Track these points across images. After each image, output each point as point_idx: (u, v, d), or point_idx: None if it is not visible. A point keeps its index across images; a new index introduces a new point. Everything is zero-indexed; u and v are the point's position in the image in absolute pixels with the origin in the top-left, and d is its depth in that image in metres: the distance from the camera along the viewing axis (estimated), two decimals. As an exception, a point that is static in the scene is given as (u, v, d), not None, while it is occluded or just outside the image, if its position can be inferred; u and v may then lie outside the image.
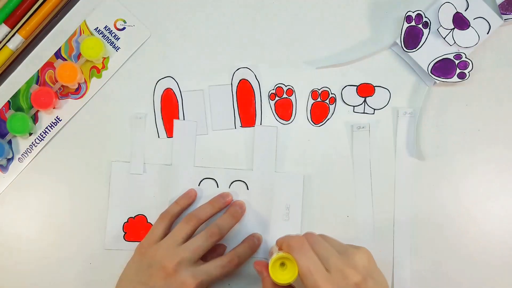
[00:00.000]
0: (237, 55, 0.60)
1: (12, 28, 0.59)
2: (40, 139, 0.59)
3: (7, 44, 0.59)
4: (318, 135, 0.60)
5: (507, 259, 0.58)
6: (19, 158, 0.59)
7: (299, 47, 0.60)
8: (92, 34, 0.59)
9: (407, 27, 0.58)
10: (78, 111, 0.59)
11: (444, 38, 0.58)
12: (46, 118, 0.59)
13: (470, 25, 0.58)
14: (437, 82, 0.59)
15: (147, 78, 0.60)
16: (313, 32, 0.60)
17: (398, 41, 0.58)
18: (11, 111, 0.59)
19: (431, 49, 0.58)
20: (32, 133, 0.59)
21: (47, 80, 0.59)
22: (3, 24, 0.59)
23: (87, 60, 0.59)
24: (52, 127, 0.59)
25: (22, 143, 0.59)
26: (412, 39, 0.58)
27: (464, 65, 0.58)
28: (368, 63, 0.60)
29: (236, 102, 0.60)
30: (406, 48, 0.58)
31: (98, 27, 0.60)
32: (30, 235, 0.59)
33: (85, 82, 0.60)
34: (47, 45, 0.60)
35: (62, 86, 0.59)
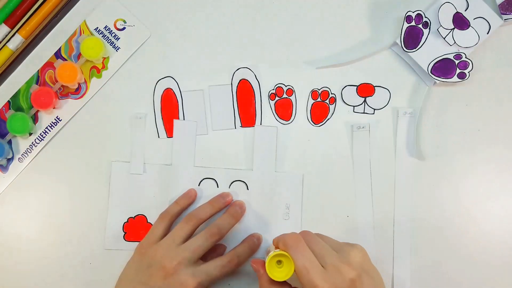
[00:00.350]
0: (237, 55, 0.60)
1: (12, 28, 0.59)
2: (40, 139, 0.59)
3: (7, 44, 0.59)
4: (318, 135, 0.60)
5: (507, 259, 0.58)
6: (19, 158, 0.59)
7: (299, 47, 0.60)
8: (92, 34, 0.59)
9: (407, 27, 0.58)
10: (78, 111, 0.59)
11: (444, 38, 0.58)
12: (46, 118, 0.59)
13: (470, 25, 0.58)
14: (437, 82, 0.59)
15: (147, 78, 0.60)
16: (313, 32, 0.60)
17: (398, 41, 0.58)
18: (11, 111, 0.59)
19: (431, 49, 0.58)
20: (32, 133, 0.59)
21: (47, 80, 0.59)
22: (3, 24, 0.59)
23: (87, 60, 0.59)
24: (52, 127, 0.59)
25: (22, 143, 0.59)
26: (412, 39, 0.58)
27: (464, 65, 0.58)
28: (368, 63, 0.60)
29: (236, 102, 0.60)
30: (406, 48, 0.58)
31: (98, 27, 0.60)
32: (30, 235, 0.59)
33: (85, 82, 0.60)
34: (47, 45, 0.60)
35: (62, 86, 0.59)
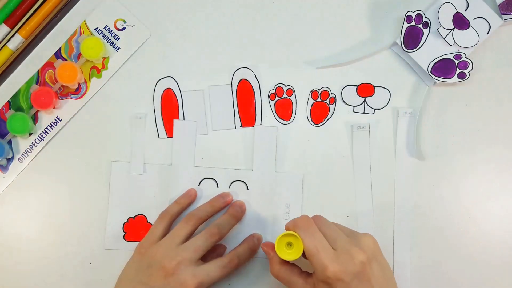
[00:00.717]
0: (237, 55, 0.60)
1: (12, 28, 0.59)
2: (40, 139, 0.59)
3: (7, 44, 0.59)
4: (318, 135, 0.60)
5: (507, 259, 0.58)
6: (19, 158, 0.59)
7: (299, 47, 0.60)
8: (92, 34, 0.59)
9: (407, 27, 0.58)
10: (78, 111, 0.59)
11: (444, 38, 0.58)
12: (46, 118, 0.59)
13: (470, 25, 0.58)
14: (437, 82, 0.59)
15: (147, 78, 0.60)
16: (313, 32, 0.60)
17: (398, 41, 0.58)
18: (11, 111, 0.59)
19: (431, 49, 0.58)
20: (32, 133, 0.59)
21: (47, 80, 0.59)
22: (3, 24, 0.59)
23: (87, 60, 0.59)
24: (52, 127, 0.59)
25: (22, 143, 0.59)
26: (412, 39, 0.58)
27: (464, 65, 0.58)
28: (368, 63, 0.60)
29: (236, 102, 0.60)
30: (406, 48, 0.58)
31: (98, 27, 0.60)
32: (30, 235, 0.59)
33: (85, 82, 0.60)
34: (47, 45, 0.60)
35: (62, 86, 0.59)
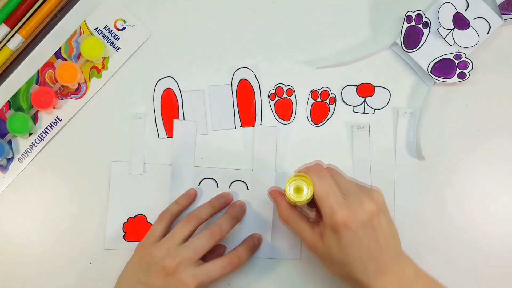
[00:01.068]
0: (237, 55, 0.60)
1: (12, 28, 0.59)
2: (40, 139, 0.59)
3: (7, 44, 0.59)
4: (318, 135, 0.60)
5: (507, 259, 0.58)
6: (19, 158, 0.59)
7: (299, 47, 0.60)
8: (92, 34, 0.59)
9: (407, 27, 0.58)
10: (78, 111, 0.59)
11: (444, 38, 0.58)
12: (46, 118, 0.59)
13: (470, 25, 0.58)
14: (437, 82, 0.59)
15: (147, 78, 0.60)
16: (313, 32, 0.60)
17: (398, 41, 0.58)
18: (11, 111, 0.59)
19: (431, 49, 0.58)
20: (32, 133, 0.59)
21: (47, 80, 0.59)
22: (3, 24, 0.59)
23: (87, 60, 0.59)
24: (52, 127, 0.59)
25: (22, 143, 0.59)
26: (412, 39, 0.58)
27: (464, 65, 0.58)
28: (368, 63, 0.60)
29: (236, 102, 0.60)
30: (406, 48, 0.58)
31: (98, 27, 0.60)
32: (30, 235, 0.59)
33: (85, 82, 0.60)
34: (47, 45, 0.60)
35: (62, 86, 0.59)
